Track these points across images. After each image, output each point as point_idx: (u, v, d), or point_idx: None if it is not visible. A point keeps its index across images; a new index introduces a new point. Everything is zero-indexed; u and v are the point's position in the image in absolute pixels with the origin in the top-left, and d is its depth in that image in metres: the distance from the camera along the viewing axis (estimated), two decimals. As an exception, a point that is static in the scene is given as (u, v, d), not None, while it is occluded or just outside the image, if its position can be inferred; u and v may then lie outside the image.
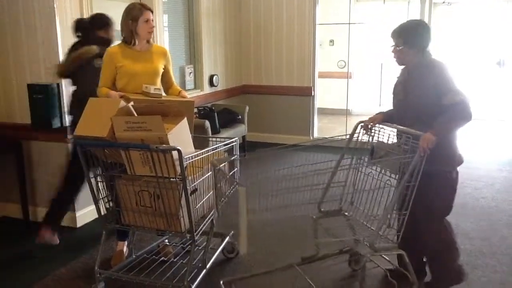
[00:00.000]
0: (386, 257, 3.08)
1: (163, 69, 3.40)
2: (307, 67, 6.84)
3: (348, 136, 3.13)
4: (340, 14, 7.62)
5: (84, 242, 3.84)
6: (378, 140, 2.99)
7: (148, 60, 3.31)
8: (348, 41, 7.54)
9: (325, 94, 8.24)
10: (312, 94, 6.87)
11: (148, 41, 3.33)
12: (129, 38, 3.26)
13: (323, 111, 8.22)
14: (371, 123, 3.03)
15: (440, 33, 8.24)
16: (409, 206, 2.69)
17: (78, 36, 3.70)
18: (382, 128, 3.01)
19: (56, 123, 3.91)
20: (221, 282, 3.03)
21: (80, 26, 3.70)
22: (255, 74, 7.13)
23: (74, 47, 3.61)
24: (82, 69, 3.49)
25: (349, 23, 7.34)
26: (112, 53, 3.25)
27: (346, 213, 3.05)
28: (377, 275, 3.24)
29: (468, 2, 8.87)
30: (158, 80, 3.36)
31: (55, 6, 3.76)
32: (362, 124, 3.08)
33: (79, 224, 4.14)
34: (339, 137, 3.21)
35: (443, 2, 8.88)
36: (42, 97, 3.84)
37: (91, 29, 3.66)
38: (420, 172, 2.64)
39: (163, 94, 3.33)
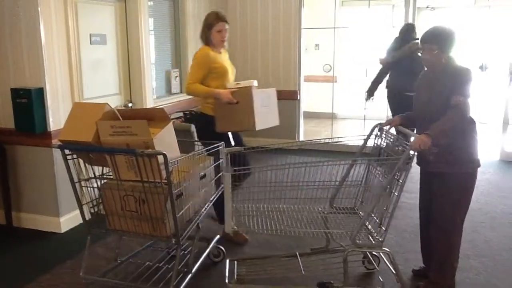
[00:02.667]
0: (384, 256, 3.18)
1: None
2: (293, 71, 6.87)
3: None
4: (325, 18, 7.68)
5: (69, 247, 3.81)
6: (386, 143, 3.08)
7: (227, 61, 3.78)
8: (333, 45, 7.62)
9: (311, 98, 8.29)
10: (298, 98, 6.90)
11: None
12: (206, 42, 3.68)
13: (309, 115, 8.26)
14: (388, 126, 3.13)
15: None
16: (395, 206, 2.76)
17: (398, 37, 5.67)
18: (388, 131, 3.12)
19: (40, 128, 3.88)
20: (227, 260, 3.23)
21: (402, 30, 5.67)
22: (241, 78, 7.11)
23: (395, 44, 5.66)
24: (409, 57, 5.33)
25: (334, 28, 7.41)
26: (207, 53, 3.63)
27: (360, 212, 3.13)
28: (371, 274, 3.32)
29: (451, 7, 8.99)
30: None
31: (39, 10, 3.73)
32: (379, 126, 3.19)
33: (64, 229, 4.11)
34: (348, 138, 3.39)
35: (427, 7, 8.99)
36: (25, 101, 3.80)
37: (408, 31, 5.59)
38: (407, 173, 2.72)
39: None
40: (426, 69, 3.09)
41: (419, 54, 4.95)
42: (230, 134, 3.65)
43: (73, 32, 4.10)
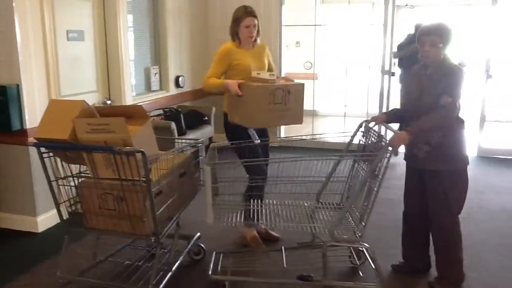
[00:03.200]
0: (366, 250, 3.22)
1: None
2: (274, 68, 6.84)
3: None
4: (306, 15, 7.69)
5: (47, 247, 3.75)
6: (371, 140, 3.09)
7: (257, 57, 3.62)
8: (314, 42, 7.64)
9: (292, 95, 8.27)
10: (279, 95, 6.88)
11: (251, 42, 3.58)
12: (233, 38, 3.59)
13: (290, 112, 8.25)
14: (374, 122, 3.14)
15: (402, 36, 8.41)
16: (374, 201, 2.78)
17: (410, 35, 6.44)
18: (372, 129, 3.13)
19: (16, 125, 3.80)
20: (214, 253, 3.30)
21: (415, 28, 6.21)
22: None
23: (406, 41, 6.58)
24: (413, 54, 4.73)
25: (315, 25, 7.42)
26: (228, 49, 3.53)
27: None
28: (353, 268, 3.32)
29: (430, 5, 9.09)
30: None
31: (14, 5, 3.65)
32: (366, 123, 3.18)
33: (41, 229, 4.04)
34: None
35: (406, 5, 9.08)
36: (0, 99, 3.71)
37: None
38: (386, 169, 2.74)
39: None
40: (418, 64, 3.07)
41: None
42: (254, 131, 3.48)
43: (50, 28, 4.02)
